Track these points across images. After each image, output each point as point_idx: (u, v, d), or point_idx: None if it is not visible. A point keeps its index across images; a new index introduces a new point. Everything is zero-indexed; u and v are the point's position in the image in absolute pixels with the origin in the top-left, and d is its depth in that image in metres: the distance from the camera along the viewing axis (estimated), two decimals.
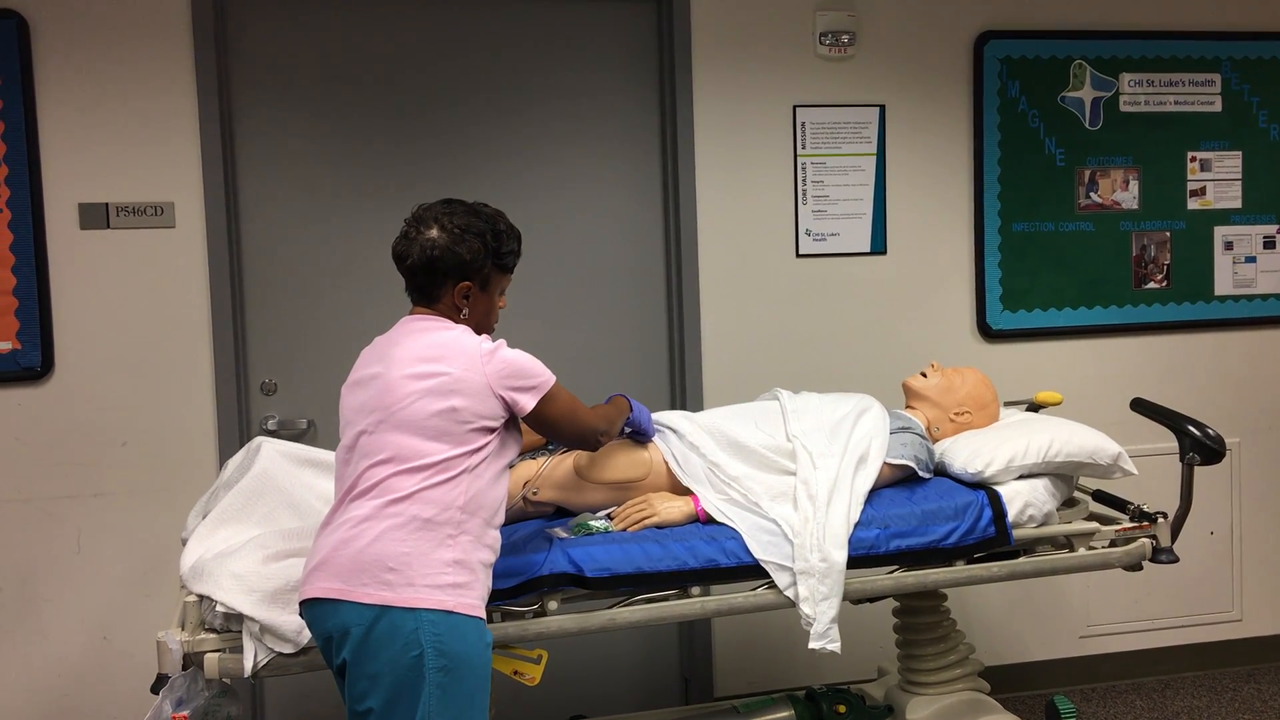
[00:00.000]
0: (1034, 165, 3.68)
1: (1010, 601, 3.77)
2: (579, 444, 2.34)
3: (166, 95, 3.15)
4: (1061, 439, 2.67)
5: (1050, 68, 3.67)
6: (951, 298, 3.68)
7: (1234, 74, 3.81)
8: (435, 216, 2.19)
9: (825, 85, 3.53)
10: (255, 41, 3.26)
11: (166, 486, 3.21)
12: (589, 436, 2.30)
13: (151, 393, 3.19)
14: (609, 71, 3.48)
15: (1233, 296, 3.87)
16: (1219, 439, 2.71)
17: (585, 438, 2.30)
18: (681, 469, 2.59)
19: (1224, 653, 3.95)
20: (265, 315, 3.32)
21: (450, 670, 1.99)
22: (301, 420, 3.33)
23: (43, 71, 3.09)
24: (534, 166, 3.45)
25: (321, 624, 2.05)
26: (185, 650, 2.20)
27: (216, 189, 3.18)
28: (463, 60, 3.39)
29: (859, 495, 2.53)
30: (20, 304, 3.09)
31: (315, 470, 2.57)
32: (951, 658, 2.92)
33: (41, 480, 3.15)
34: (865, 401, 2.76)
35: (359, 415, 2.13)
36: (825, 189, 3.55)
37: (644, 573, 2.37)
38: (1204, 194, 3.83)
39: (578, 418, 2.25)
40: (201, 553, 2.30)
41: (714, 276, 3.50)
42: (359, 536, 2.03)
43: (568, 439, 2.29)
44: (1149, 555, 2.70)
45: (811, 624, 2.40)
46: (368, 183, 3.35)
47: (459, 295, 2.19)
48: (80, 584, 3.19)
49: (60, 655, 3.19)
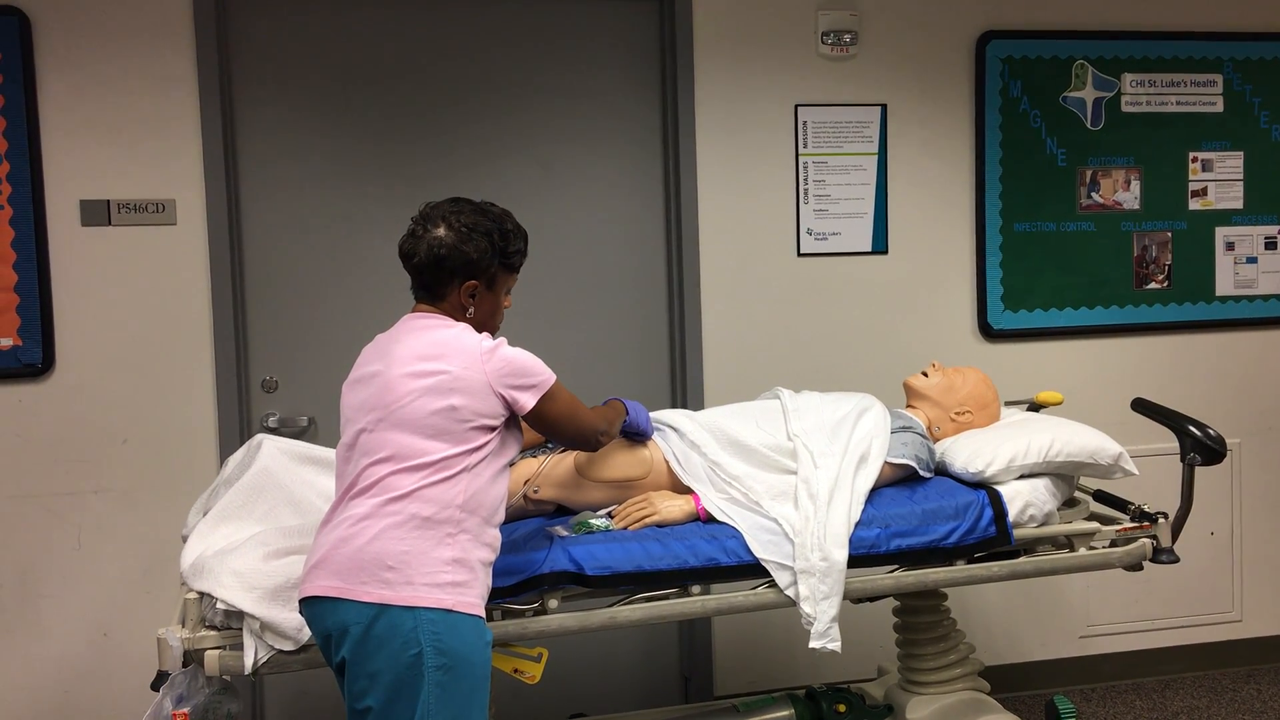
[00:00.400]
0: (1035, 165, 3.68)
1: (1010, 601, 3.77)
2: (579, 444, 2.32)
3: (168, 92, 3.15)
4: (1062, 439, 2.67)
5: (1052, 68, 3.67)
6: (952, 297, 3.68)
7: (1236, 74, 3.80)
8: (443, 215, 2.18)
9: (827, 84, 3.53)
10: (257, 39, 3.26)
11: (167, 483, 3.21)
12: (589, 436, 2.29)
13: (152, 390, 3.19)
14: (611, 70, 3.48)
15: (1234, 297, 3.87)
16: (1220, 439, 2.71)
17: (586, 438, 2.29)
18: (682, 468, 2.59)
19: (1224, 653, 3.95)
20: (266, 313, 3.32)
21: (449, 669, 1.99)
22: (302, 417, 3.33)
23: (44, 68, 3.09)
24: (535, 165, 3.45)
25: (321, 622, 2.05)
26: (186, 647, 2.20)
27: (218, 186, 3.18)
28: (464, 58, 3.39)
29: (860, 494, 2.52)
30: (21, 300, 3.09)
31: (316, 468, 2.57)
32: (951, 657, 2.92)
33: (42, 477, 3.15)
34: (866, 401, 2.76)
35: (359, 413, 2.13)
36: (827, 188, 3.55)
37: (644, 571, 2.37)
38: (1205, 194, 3.83)
39: (578, 417, 2.24)
40: (202, 550, 2.30)
41: (715, 275, 3.50)
42: (358, 535, 2.02)
43: (568, 439, 2.28)
44: (1149, 555, 2.70)
45: (812, 623, 2.40)
46: (369, 180, 3.35)
47: (465, 294, 2.19)
48: (80, 581, 3.19)
49: (60, 652, 3.19)
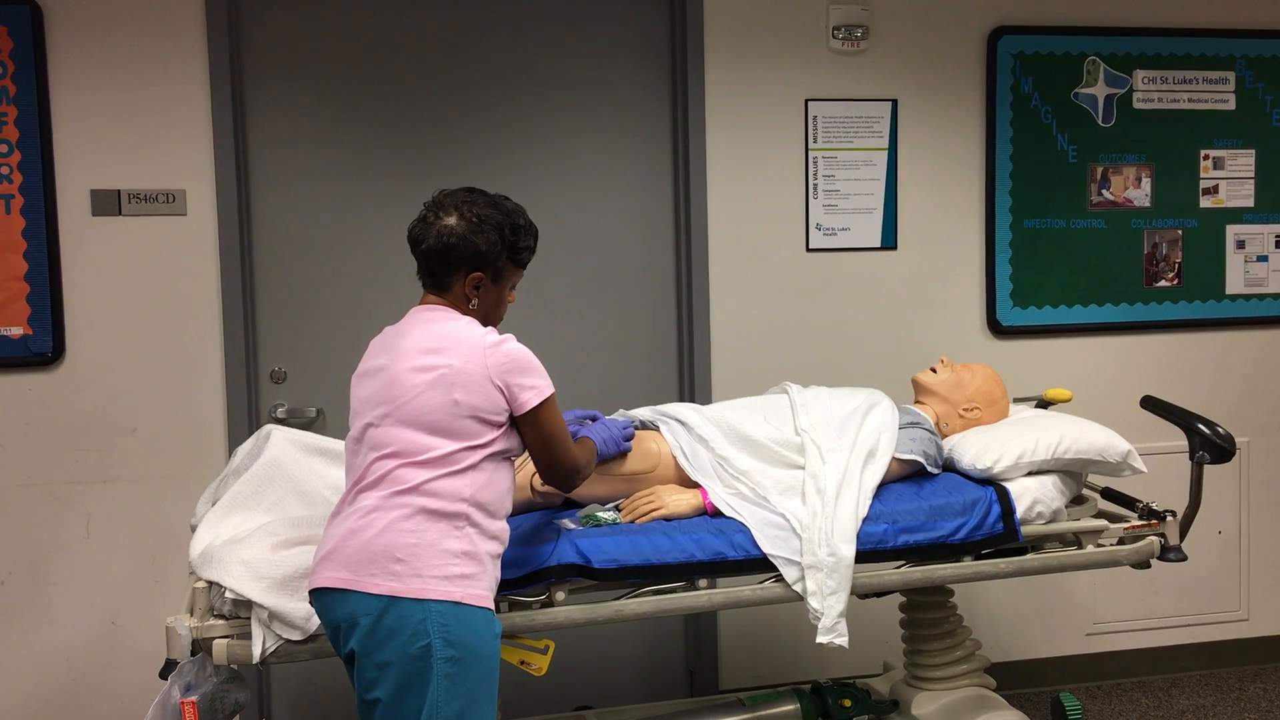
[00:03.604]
0: (1046, 162, 3.67)
1: (1017, 598, 3.77)
2: (557, 471, 2.18)
3: (179, 82, 3.16)
4: (1071, 436, 2.67)
5: (1064, 64, 3.65)
6: (962, 294, 3.67)
7: (1248, 72, 3.79)
8: (455, 204, 2.17)
9: (837, 79, 3.52)
10: (268, 29, 3.27)
11: (176, 473, 3.22)
12: (569, 467, 2.18)
13: (162, 379, 3.20)
14: (621, 63, 3.47)
15: (1244, 295, 3.85)
16: (1229, 438, 2.71)
17: (565, 467, 2.17)
18: (689, 462, 2.59)
19: (1230, 652, 3.94)
20: (275, 303, 3.32)
21: (458, 660, 2.00)
22: (311, 408, 3.33)
23: (56, 58, 3.09)
24: (544, 158, 3.44)
25: (330, 613, 2.06)
26: (194, 636, 2.21)
27: (228, 177, 3.18)
28: (474, 50, 3.39)
29: (867, 490, 2.52)
30: (32, 289, 3.10)
31: (324, 458, 2.57)
32: (958, 653, 2.92)
33: (52, 465, 3.16)
34: (874, 396, 2.75)
35: (366, 407, 2.13)
36: (836, 183, 3.55)
37: (651, 565, 2.38)
38: (1216, 192, 3.82)
39: (567, 443, 2.17)
40: (211, 539, 2.31)
41: (724, 270, 3.50)
42: (367, 527, 2.03)
43: (550, 461, 2.16)
44: (1157, 553, 2.69)
45: (820, 618, 2.40)
46: (378, 172, 3.35)
47: (470, 285, 2.18)
48: (89, 569, 3.20)
49: (68, 640, 3.21)
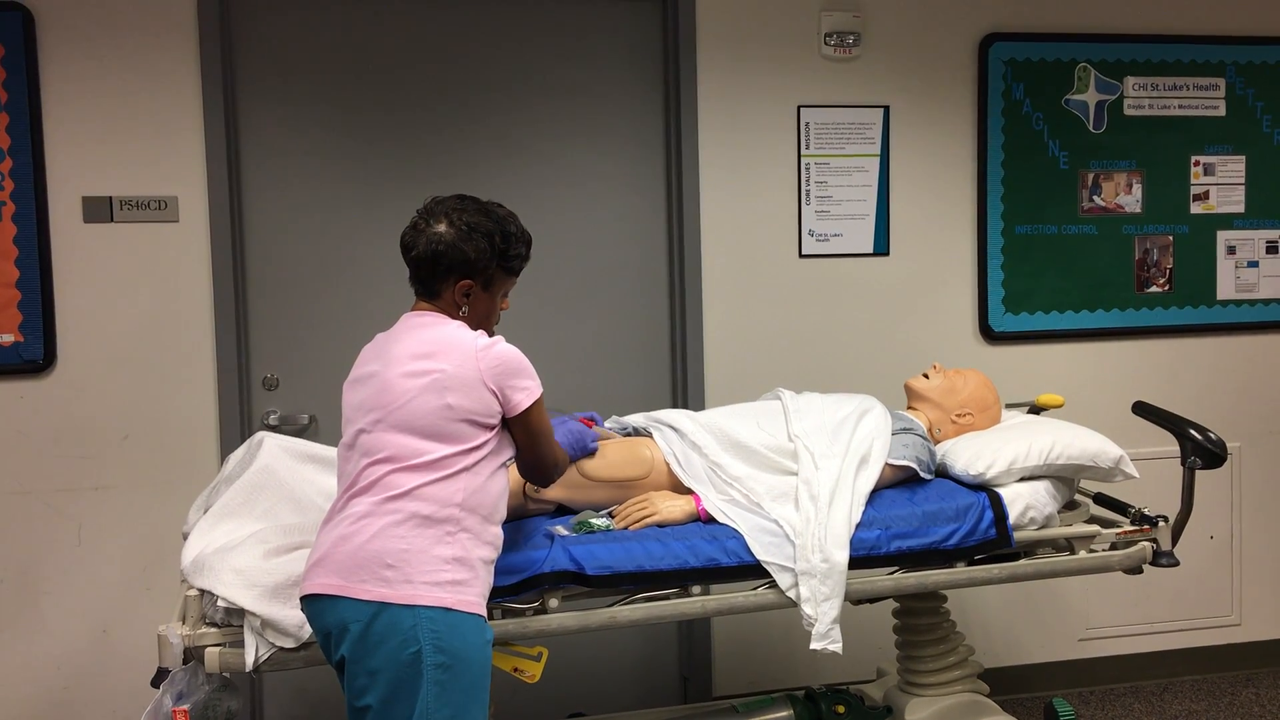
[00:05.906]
0: (1037, 168, 3.68)
1: (1010, 604, 3.77)
2: (540, 468, 2.23)
3: (171, 89, 3.15)
4: (1063, 442, 2.67)
5: (1055, 70, 3.67)
6: (954, 299, 3.68)
7: (1238, 78, 3.80)
8: (446, 211, 2.17)
9: (830, 86, 3.53)
10: (260, 36, 3.26)
11: (168, 480, 3.21)
12: (550, 464, 2.23)
13: (153, 386, 3.19)
14: (614, 69, 3.48)
15: (1235, 301, 3.87)
16: (1220, 443, 2.71)
17: (547, 464, 2.22)
18: (683, 468, 2.59)
19: (1223, 657, 3.95)
20: (267, 310, 3.32)
21: (448, 667, 1.99)
22: (303, 415, 3.32)
23: (47, 64, 3.09)
24: (537, 163, 3.45)
25: (321, 619, 2.05)
26: (186, 644, 2.20)
27: (220, 183, 3.18)
28: (467, 57, 3.39)
29: (860, 496, 2.53)
30: (23, 296, 3.09)
31: (317, 466, 2.57)
32: (951, 659, 2.92)
33: (43, 473, 3.15)
34: (867, 402, 2.76)
35: (358, 413, 2.13)
36: (829, 189, 3.55)
37: (645, 571, 2.37)
38: (1207, 198, 3.83)
39: (552, 441, 2.22)
40: (203, 547, 2.31)
41: (717, 276, 3.50)
42: (358, 533, 2.03)
43: (535, 459, 2.20)
44: (1149, 559, 2.70)
45: (813, 624, 2.40)
46: (371, 178, 3.35)
47: (460, 293, 2.18)
48: (80, 577, 3.19)
49: (60, 648, 3.19)
